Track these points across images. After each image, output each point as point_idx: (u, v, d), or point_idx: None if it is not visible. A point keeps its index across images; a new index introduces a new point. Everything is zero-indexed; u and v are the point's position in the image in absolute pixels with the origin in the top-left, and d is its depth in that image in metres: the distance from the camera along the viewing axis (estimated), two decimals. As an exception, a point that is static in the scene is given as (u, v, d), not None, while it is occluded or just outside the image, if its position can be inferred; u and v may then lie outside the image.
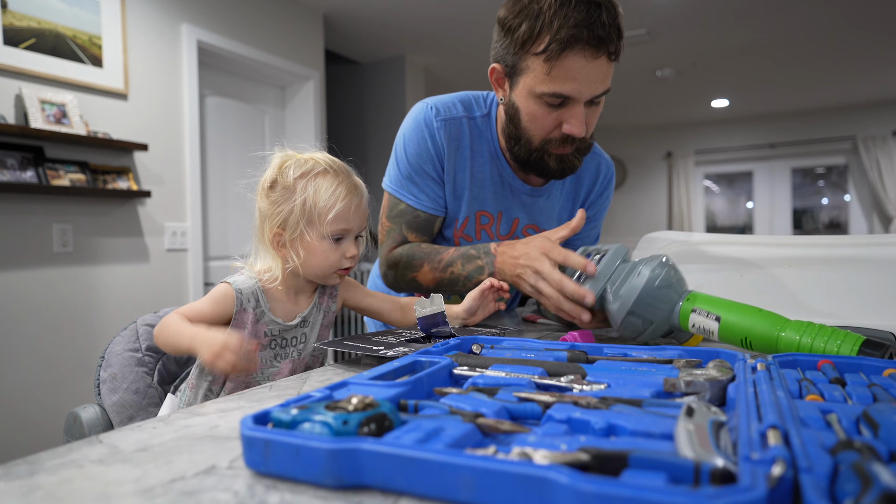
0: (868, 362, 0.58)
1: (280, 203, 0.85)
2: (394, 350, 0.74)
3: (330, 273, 0.88)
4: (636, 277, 0.81)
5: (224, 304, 0.84)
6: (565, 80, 0.93)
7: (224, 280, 0.86)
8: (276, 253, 0.87)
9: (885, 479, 0.27)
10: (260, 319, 0.86)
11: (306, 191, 0.84)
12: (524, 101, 0.99)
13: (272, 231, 0.86)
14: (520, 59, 0.96)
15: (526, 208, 1.18)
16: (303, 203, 0.84)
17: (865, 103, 6.17)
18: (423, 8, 3.72)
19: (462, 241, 1.19)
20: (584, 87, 0.94)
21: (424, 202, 1.13)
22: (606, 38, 0.90)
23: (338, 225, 0.85)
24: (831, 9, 3.70)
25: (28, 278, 2.32)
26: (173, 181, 2.86)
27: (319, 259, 0.86)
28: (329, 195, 0.84)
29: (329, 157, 0.89)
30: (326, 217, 0.84)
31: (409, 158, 1.12)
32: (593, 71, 0.93)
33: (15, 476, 0.38)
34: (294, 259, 0.85)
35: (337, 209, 0.84)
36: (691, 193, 7.04)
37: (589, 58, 0.91)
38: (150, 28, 2.76)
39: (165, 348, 0.81)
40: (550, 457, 0.35)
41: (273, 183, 0.86)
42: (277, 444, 0.37)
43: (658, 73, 4.96)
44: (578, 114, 0.96)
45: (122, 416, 0.88)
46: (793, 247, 0.98)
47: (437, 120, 1.09)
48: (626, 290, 0.81)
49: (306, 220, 0.84)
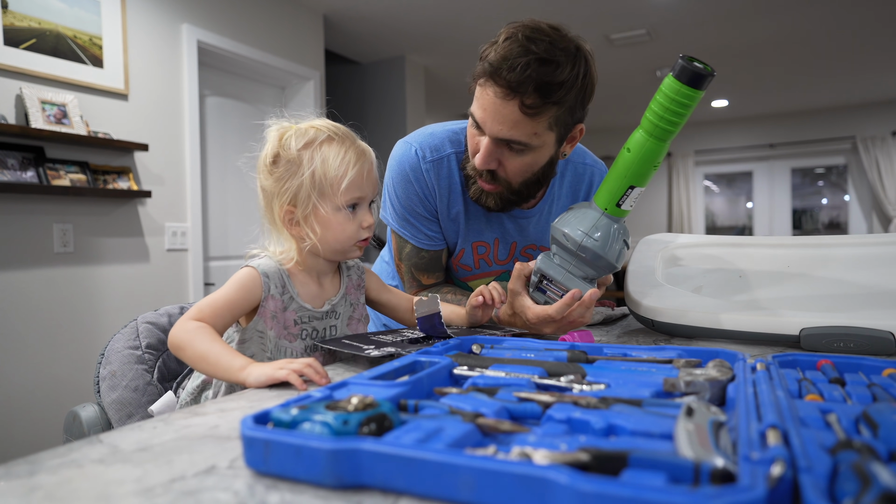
0: (868, 362, 0.58)
1: (286, 178, 0.79)
2: (379, 350, 0.74)
3: (350, 246, 0.83)
4: (580, 248, 0.90)
5: (251, 289, 0.78)
6: (479, 107, 0.96)
7: (246, 264, 0.81)
8: (290, 232, 0.82)
9: (884, 479, 0.27)
10: (288, 307, 0.81)
11: (314, 161, 0.79)
12: (469, 118, 1.02)
13: (282, 209, 0.80)
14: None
15: (521, 231, 1.18)
16: (311, 175, 0.79)
17: (865, 103, 6.17)
18: (423, 8, 3.72)
19: (460, 269, 1.20)
20: (489, 120, 0.95)
21: (423, 241, 1.14)
22: (516, 86, 0.89)
23: (352, 193, 0.80)
24: (831, 9, 3.70)
25: (28, 278, 2.32)
26: (173, 181, 2.86)
27: (337, 232, 0.81)
28: (339, 163, 0.79)
29: (330, 123, 0.84)
30: (340, 186, 0.79)
31: (400, 201, 1.13)
32: (499, 110, 0.93)
33: (15, 476, 0.38)
34: (311, 236, 0.80)
35: (350, 177, 0.79)
36: (691, 193, 7.04)
37: (499, 96, 0.92)
38: (150, 28, 2.76)
39: (191, 365, 0.73)
40: (550, 457, 0.35)
41: (276, 157, 0.80)
42: (278, 444, 0.37)
43: (658, 73, 4.96)
44: (484, 144, 0.98)
45: (121, 414, 0.88)
46: (792, 247, 0.98)
47: (426, 163, 1.10)
48: (591, 261, 0.91)
49: (318, 193, 0.79)
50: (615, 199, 0.89)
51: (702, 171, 7.17)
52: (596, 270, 0.92)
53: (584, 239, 0.89)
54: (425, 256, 1.15)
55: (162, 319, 0.99)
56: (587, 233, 0.89)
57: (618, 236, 0.90)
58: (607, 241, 0.89)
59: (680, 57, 0.79)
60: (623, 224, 0.92)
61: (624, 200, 0.88)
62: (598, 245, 0.89)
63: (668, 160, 7.24)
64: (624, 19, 3.85)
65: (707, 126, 7.03)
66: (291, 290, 0.82)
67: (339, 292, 0.88)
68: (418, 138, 1.12)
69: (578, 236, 0.89)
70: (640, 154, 0.85)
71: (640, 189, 0.88)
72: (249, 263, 0.81)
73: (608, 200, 0.89)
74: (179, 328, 0.73)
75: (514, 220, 1.17)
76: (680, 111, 0.80)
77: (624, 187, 0.88)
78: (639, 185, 0.88)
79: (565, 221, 0.92)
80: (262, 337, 0.80)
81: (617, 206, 0.89)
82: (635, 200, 0.89)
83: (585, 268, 0.92)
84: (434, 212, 1.13)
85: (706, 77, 0.78)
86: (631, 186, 0.87)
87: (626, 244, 0.92)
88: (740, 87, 5.53)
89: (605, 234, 0.89)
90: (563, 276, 0.93)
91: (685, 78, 0.78)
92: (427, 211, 1.13)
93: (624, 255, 0.93)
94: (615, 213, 0.90)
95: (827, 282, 0.92)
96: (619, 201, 0.89)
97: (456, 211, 1.13)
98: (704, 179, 7.22)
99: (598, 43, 4.18)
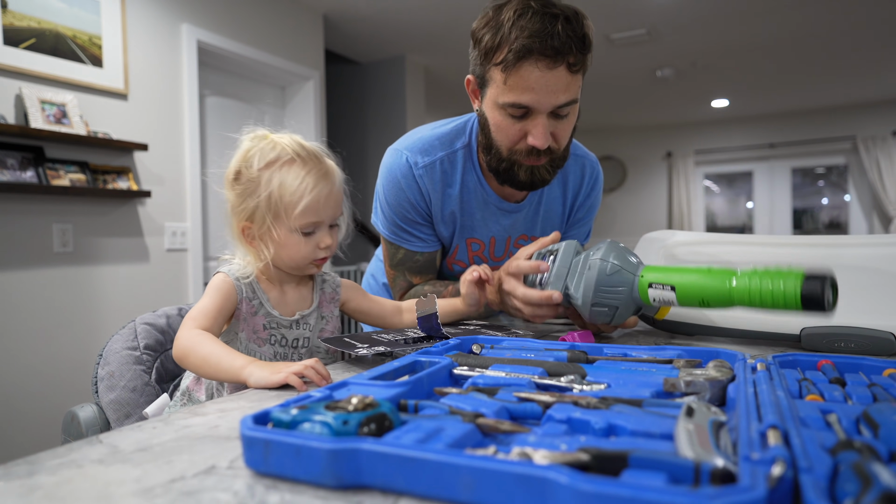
0: (868, 362, 0.58)
1: (245, 197, 0.81)
2: (368, 349, 0.74)
3: (305, 264, 0.84)
4: (588, 271, 0.85)
5: (228, 293, 0.80)
6: (523, 91, 0.93)
7: (217, 270, 0.83)
8: (248, 247, 0.84)
9: (884, 479, 0.27)
10: (258, 312, 0.83)
11: (271, 184, 0.79)
12: (491, 112, 1.00)
13: (240, 225, 0.82)
14: (485, 70, 0.98)
15: (514, 224, 1.18)
16: (268, 197, 0.79)
17: (865, 103, 6.17)
18: (423, 8, 3.72)
19: (455, 266, 1.21)
20: (542, 98, 0.93)
21: (419, 245, 1.14)
22: (563, 48, 0.90)
23: (307, 219, 0.80)
24: (831, 9, 3.70)
25: (28, 278, 2.32)
26: (173, 181, 2.86)
27: (292, 252, 0.82)
28: (296, 187, 0.79)
29: (298, 143, 0.83)
30: (294, 211, 0.79)
31: (392, 209, 1.12)
32: (551, 81, 0.92)
33: (15, 476, 0.38)
34: (266, 253, 0.82)
35: (305, 202, 0.79)
36: (691, 193, 7.04)
37: (544, 68, 0.91)
38: (150, 28, 2.76)
39: (196, 372, 0.74)
40: (550, 457, 0.35)
41: (237, 174, 0.81)
42: (277, 444, 0.37)
43: (658, 73, 4.96)
44: (540, 125, 0.96)
45: (119, 414, 0.87)
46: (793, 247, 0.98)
47: (418, 169, 1.09)
48: (584, 284, 0.85)
49: (273, 215, 0.80)
50: (650, 287, 0.80)
51: (702, 171, 7.17)
52: (579, 295, 0.86)
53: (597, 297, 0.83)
54: (419, 260, 1.16)
55: (160, 320, 0.99)
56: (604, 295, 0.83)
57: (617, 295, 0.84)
58: (612, 292, 0.83)
59: (817, 278, 0.67)
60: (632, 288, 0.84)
61: (655, 300, 0.80)
62: (605, 303, 0.83)
63: (669, 160, 7.24)
64: (624, 19, 3.85)
65: (707, 126, 7.03)
66: (261, 296, 0.83)
67: (311, 305, 0.89)
68: (407, 144, 1.12)
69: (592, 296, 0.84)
70: (728, 290, 0.74)
71: (673, 298, 0.79)
72: (220, 269, 0.83)
73: (653, 280, 0.80)
74: (181, 338, 0.74)
75: (507, 215, 1.17)
76: (775, 310, 0.72)
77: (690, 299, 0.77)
78: (680, 300, 0.78)
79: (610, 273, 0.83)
80: (235, 339, 0.82)
81: (651, 301, 0.81)
82: (660, 302, 0.80)
83: (578, 285, 0.86)
84: (427, 215, 1.13)
85: (823, 308, 0.68)
86: (672, 287, 0.78)
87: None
88: (740, 87, 5.53)
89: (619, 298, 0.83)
90: (562, 275, 0.89)
91: (805, 302, 0.68)
92: (419, 216, 1.12)
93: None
94: (643, 295, 0.81)
95: (827, 282, 0.92)
96: (653, 298, 0.80)
97: (450, 210, 1.13)
98: (705, 179, 7.22)
99: (598, 43, 4.18)
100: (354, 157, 4.78)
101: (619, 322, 0.87)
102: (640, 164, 7.39)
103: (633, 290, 0.82)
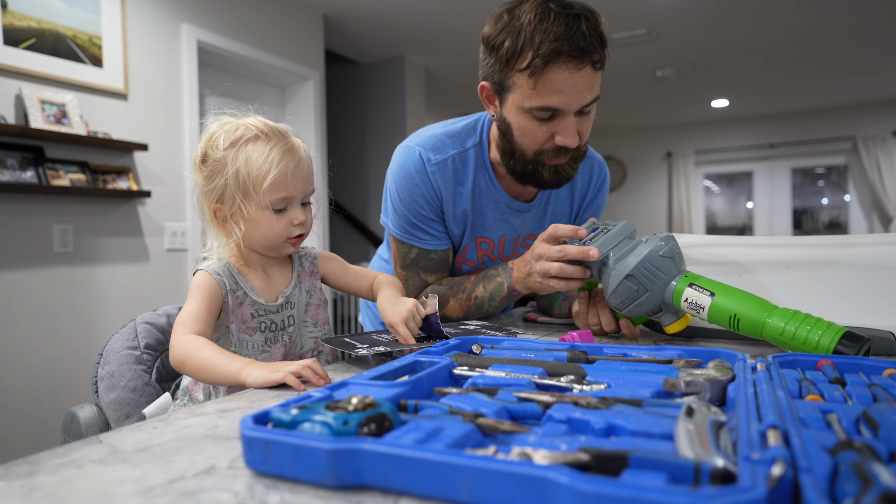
0: (868, 362, 0.58)
1: (213, 177, 0.80)
2: (368, 349, 0.74)
3: (280, 243, 0.83)
4: (642, 245, 0.84)
5: (213, 290, 0.79)
6: (551, 94, 0.93)
7: (197, 269, 0.82)
8: (221, 229, 0.83)
9: (885, 479, 0.27)
10: (243, 302, 0.82)
11: (237, 161, 0.79)
12: (515, 117, 0.99)
13: (211, 207, 0.82)
14: (506, 76, 0.97)
15: (524, 224, 1.19)
16: (235, 174, 0.79)
17: (865, 103, 6.17)
18: (423, 8, 3.72)
19: (464, 266, 1.20)
20: (571, 99, 0.94)
21: (432, 243, 1.13)
22: (588, 48, 0.90)
23: (276, 194, 0.80)
24: (831, 9, 3.69)
25: (28, 278, 2.32)
26: (173, 181, 2.86)
27: (265, 230, 0.81)
28: (262, 162, 0.79)
29: (262, 121, 0.84)
30: (262, 186, 0.79)
31: (405, 207, 1.11)
32: (578, 82, 0.92)
33: (15, 476, 0.38)
34: (237, 233, 0.81)
35: (272, 176, 0.78)
36: (691, 193, 7.04)
37: (573, 69, 0.91)
38: (150, 28, 2.76)
39: (195, 378, 0.73)
40: (550, 457, 0.35)
41: (204, 156, 0.82)
42: (277, 444, 0.37)
43: (658, 73, 4.96)
44: (569, 125, 0.96)
45: (119, 414, 0.87)
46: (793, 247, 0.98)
47: (431, 165, 1.09)
48: (630, 257, 0.83)
49: (242, 192, 0.79)
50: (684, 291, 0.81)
51: (702, 171, 7.17)
52: (619, 264, 0.85)
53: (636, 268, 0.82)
54: (434, 258, 1.15)
55: (160, 320, 0.98)
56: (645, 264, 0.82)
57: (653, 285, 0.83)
58: (653, 273, 0.82)
59: (856, 341, 0.66)
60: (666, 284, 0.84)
61: (687, 301, 0.80)
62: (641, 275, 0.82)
63: (669, 160, 7.24)
64: (624, 19, 3.85)
65: (707, 126, 7.03)
66: (244, 285, 0.83)
67: (290, 283, 0.88)
68: (419, 141, 1.11)
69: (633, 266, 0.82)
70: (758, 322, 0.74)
71: (707, 302, 0.78)
72: (199, 267, 0.83)
73: (688, 283, 0.81)
74: (175, 346, 0.74)
75: (517, 214, 1.17)
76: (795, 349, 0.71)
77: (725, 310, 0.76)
78: (713, 310, 0.78)
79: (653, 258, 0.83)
80: (227, 332, 0.82)
81: (681, 301, 0.81)
82: (691, 305, 0.80)
83: (622, 257, 0.85)
84: (440, 212, 1.13)
85: (854, 351, 0.67)
86: (712, 294, 0.78)
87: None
88: (740, 87, 5.53)
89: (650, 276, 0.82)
90: (608, 245, 0.87)
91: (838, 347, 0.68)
92: (433, 212, 1.12)
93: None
94: (677, 294, 0.81)
95: (827, 282, 0.92)
96: (686, 298, 0.80)
97: (461, 209, 1.13)
98: (705, 179, 7.22)
99: (598, 43, 4.18)
100: (354, 157, 4.79)
101: (633, 312, 0.85)
102: (640, 164, 7.39)
103: (669, 287, 0.82)
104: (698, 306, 0.79)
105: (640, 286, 0.83)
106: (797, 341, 0.69)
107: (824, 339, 0.66)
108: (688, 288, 0.80)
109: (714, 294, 0.77)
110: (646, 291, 0.82)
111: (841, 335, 0.66)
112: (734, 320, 0.75)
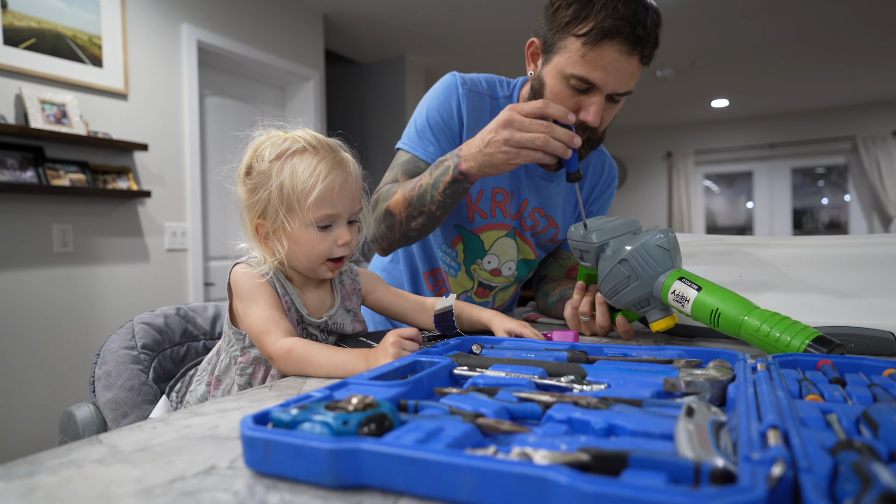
0: (868, 362, 0.58)
1: (256, 190, 0.77)
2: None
3: (318, 265, 0.79)
4: (642, 234, 0.85)
5: (271, 290, 0.76)
6: (596, 68, 0.95)
7: (237, 262, 0.78)
8: (263, 247, 0.79)
9: (885, 479, 0.27)
10: (290, 308, 0.79)
11: (282, 173, 0.75)
12: (552, 79, 1.01)
13: (253, 222, 0.78)
14: (560, 37, 0.98)
15: (537, 191, 1.18)
16: (279, 188, 0.75)
17: (865, 103, 6.17)
18: (423, 8, 3.72)
19: (476, 215, 1.17)
20: (610, 80, 0.95)
21: (430, 151, 1.11)
22: (644, 39, 0.93)
23: (321, 210, 0.76)
24: (832, 9, 3.69)
25: (28, 278, 2.32)
26: (173, 181, 2.86)
27: (307, 249, 0.77)
28: (307, 175, 0.75)
29: (311, 134, 0.80)
30: (307, 201, 0.75)
31: (428, 116, 1.12)
32: (623, 67, 0.95)
33: (15, 476, 0.38)
34: (279, 251, 0.77)
35: (318, 191, 0.74)
36: (691, 193, 7.04)
37: (624, 53, 0.93)
38: (150, 28, 2.76)
39: (323, 377, 0.70)
40: (550, 457, 0.35)
41: (249, 169, 0.78)
42: (277, 444, 0.37)
43: (658, 73, 4.96)
44: (598, 103, 0.98)
45: (116, 414, 0.87)
46: (793, 247, 0.98)
47: (464, 88, 1.11)
48: (626, 243, 0.85)
49: (286, 207, 0.75)
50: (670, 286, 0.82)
51: (702, 171, 7.17)
52: (615, 249, 0.86)
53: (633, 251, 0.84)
54: (420, 166, 1.11)
55: (158, 320, 0.98)
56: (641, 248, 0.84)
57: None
58: (646, 262, 0.83)
59: (824, 345, 0.66)
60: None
61: (675, 293, 0.81)
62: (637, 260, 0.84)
63: (669, 160, 7.24)
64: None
65: (707, 126, 7.03)
66: (291, 292, 0.81)
67: (335, 305, 0.85)
68: (460, 73, 1.15)
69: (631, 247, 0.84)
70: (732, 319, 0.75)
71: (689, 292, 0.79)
72: (242, 259, 0.80)
73: (674, 279, 0.82)
74: (278, 357, 0.71)
75: (533, 179, 1.17)
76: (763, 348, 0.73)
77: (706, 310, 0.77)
78: (696, 306, 0.79)
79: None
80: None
81: (668, 294, 0.82)
82: (677, 297, 0.81)
83: (620, 244, 0.86)
84: (456, 134, 1.12)
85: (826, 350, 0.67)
86: (699, 288, 0.79)
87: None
88: (740, 87, 5.53)
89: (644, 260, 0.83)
90: (610, 231, 0.88)
91: None
92: (451, 132, 1.12)
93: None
94: (665, 288, 0.81)
95: (827, 282, 0.92)
96: (673, 290, 0.81)
97: None
98: (704, 179, 7.22)
99: (598, 43, 4.18)
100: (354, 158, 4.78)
101: (622, 300, 0.86)
102: (640, 164, 7.39)
103: (660, 280, 0.82)
104: (684, 298, 0.79)
105: (631, 272, 0.84)
106: (770, 340, 0.70)
107: (795, 341, 0.68)
108: (677, 281, 0.81)
109: (700, 289, 0.78)
110: (637, 279, 0.83)
111: (812, 338, 0.67)
112: (715, 315, 0.76)
